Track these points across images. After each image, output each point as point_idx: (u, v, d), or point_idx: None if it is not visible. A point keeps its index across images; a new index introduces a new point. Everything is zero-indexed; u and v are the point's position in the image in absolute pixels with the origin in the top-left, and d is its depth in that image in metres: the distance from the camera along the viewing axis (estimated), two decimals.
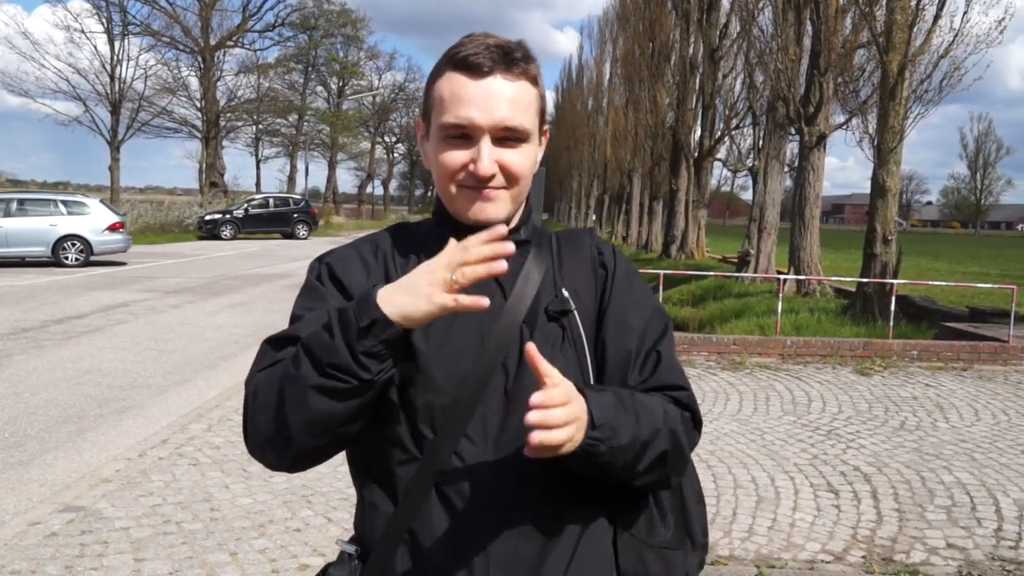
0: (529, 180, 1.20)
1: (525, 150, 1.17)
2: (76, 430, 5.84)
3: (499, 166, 1.14)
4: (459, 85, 1.13)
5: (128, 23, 38.72)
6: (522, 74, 1.16)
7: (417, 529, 1.12)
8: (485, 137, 1.13)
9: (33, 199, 18.90)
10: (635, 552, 1.20)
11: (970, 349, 9.27)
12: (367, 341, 0.99)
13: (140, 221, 31.74)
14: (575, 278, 1.23)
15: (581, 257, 1.25)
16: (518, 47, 1.17)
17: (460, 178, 1.15)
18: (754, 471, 5.21)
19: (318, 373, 1.01)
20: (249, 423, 1.11)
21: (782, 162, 19.41)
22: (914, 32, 11.45)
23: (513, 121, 1.14)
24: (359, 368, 0.99)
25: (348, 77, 60.15)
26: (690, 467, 1.29)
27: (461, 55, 1.14)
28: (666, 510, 1.24)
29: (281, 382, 1.05)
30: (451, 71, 1.15)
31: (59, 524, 4.05)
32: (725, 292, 16.27)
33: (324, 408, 1.02)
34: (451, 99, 1.14)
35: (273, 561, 3.71)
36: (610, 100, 45.24)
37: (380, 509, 1.16)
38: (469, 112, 1.12)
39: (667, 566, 1.22)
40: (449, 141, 1.15)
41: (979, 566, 3.88)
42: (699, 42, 25.96)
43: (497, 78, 1.13)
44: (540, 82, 1.20)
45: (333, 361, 1.00)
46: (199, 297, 13.53)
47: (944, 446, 5.88)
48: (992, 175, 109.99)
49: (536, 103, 1.19)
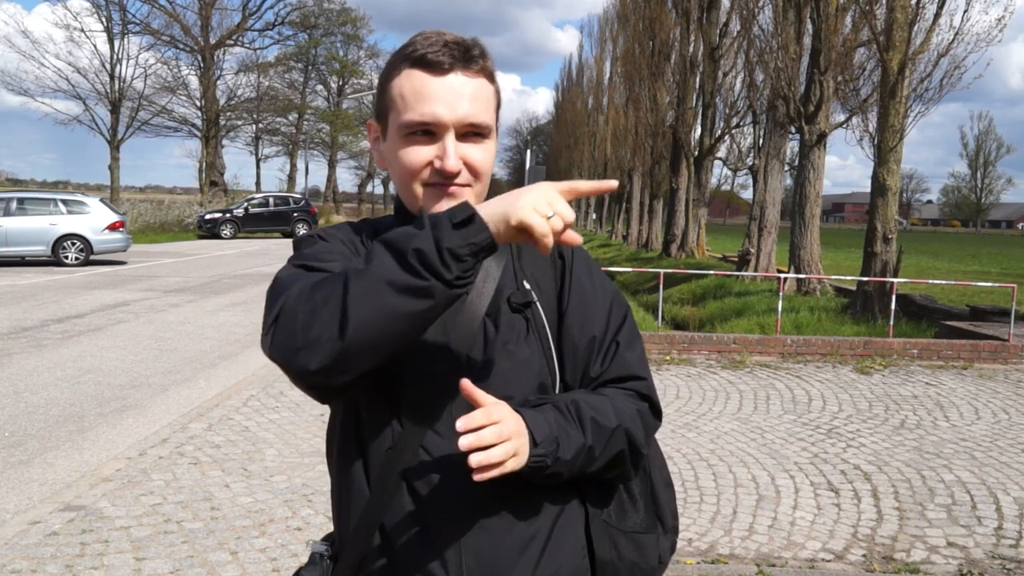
0: (490, 175, 1.21)
1: (487, 146, 1.18)
2: (76, 429, 5.84)
3: (464, 163, 1.15)
4: (420, 83, 1.14)
5: (128, 22, 38.79)
6: (480, 71, 1.17)
7: (388, 524, 1.12)
8: (450, 133, 1.14)
9: (33, 198, 18.90)
10: (608, 538, 1.21)
11: (970, 348, 9.27)
12: (457, 239, 0.94)
13: (140, 220, 31.77)
14: (535, 269, 1.24)
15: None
16: (475, 44, 1.18)
17: (425, 176, 1.15)
18: (754, 470, 5.21)
19: (400, 265, 0.94)
20: (288, 320, 0.98)
21: (782, 161, 19.40)
22: (914, 30, 11.44)
23: (477, 118, 1.15)
24: (441, 265, 0.93)
25: (348, 76, 60.09)
26: (657, 453, 1.32)
27: (419, 53, 1.14)
28: (636, 496, 1.26)
29: (345, 279, 0.96)
30: (410, 69, 1.15)
31: (60, 523, 4.05)
32: (725, 291, 16.26)
33: (394, 305, 0.94)
34: (413, 97, 1.13)
35: (274, 560, 3.71)
36: (610, 99, 45.23)
37: (352, 507, 1.16)
38: (433, 109, 1.12)
39: (640, 550, 1.24)
40: (412, 139, 1.15)
41: (979, 564, 3.88)
42: (699, 40, 25.94)
43: (458, 75, 1.14)
44: (496, 80, 1.22)
45: (418, 247, 0.94)
46: (199, 296, 13.53)
47: (944, 445, 5.88)
48: (992, 174, 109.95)
49: (494, 99, 1.21)
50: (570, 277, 1.25)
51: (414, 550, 1.11)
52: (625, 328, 1.25)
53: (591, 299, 1.24)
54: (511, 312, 1.18)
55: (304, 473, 4.91)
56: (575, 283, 1.24)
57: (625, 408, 1.18)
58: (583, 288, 1.24)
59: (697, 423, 6.28)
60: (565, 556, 1.17)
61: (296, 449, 5.36)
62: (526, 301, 1.19)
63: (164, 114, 41.15)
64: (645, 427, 1.21)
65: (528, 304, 1.19)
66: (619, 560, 1.22)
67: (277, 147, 58.58)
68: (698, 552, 3.94)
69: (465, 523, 1.11)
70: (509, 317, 1.17)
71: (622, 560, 1.22)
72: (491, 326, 1.15)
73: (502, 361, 1.15)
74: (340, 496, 1.20)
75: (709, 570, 3.72)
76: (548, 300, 1.22)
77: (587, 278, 1.26)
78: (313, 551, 1.19)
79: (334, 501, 1.24)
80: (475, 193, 1.17)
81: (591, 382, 1.22)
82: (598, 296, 1.25)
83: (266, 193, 37.27)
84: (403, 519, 1.12)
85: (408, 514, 1.12)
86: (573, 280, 1.24)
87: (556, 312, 1.23)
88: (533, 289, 1.21)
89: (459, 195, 1.15)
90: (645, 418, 1.22)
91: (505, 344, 1.16)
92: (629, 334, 1.25)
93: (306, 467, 5.02)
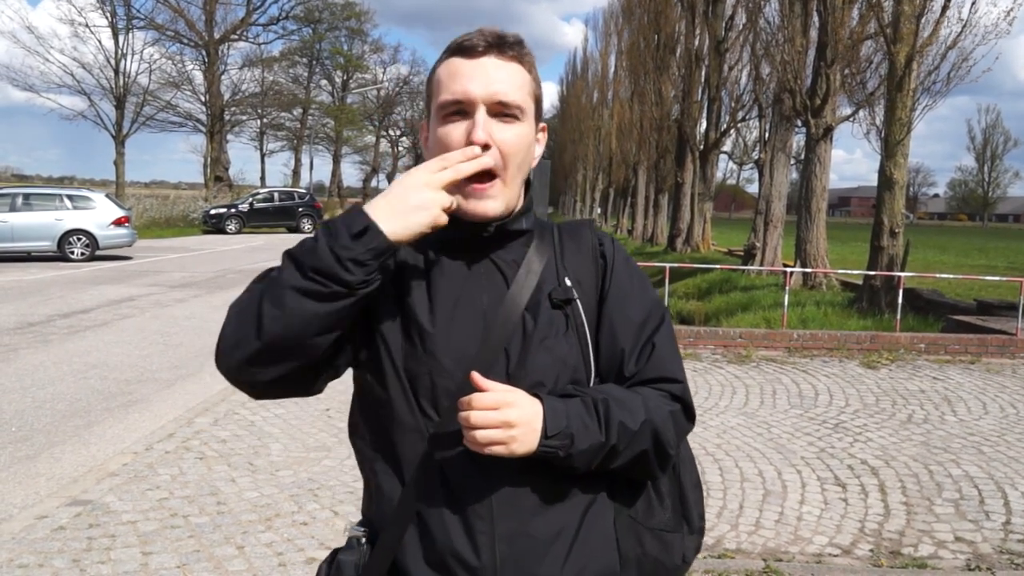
0: (523, 163, 1.21)
1: (519, 129, 1.19)
2: (83, 424, 5.86)
3: (493, 142, 1.16)
4: (455, 66, 1.18)
5: (132, 17, 38.73)
6: (515, 57, 1.20)
7: (424, 511, 1.15)
8: (480, 108, 1.16)
9: (38, 194, 18.95)
10: (634, 534, 1.23)
11: (978, 342, 9.22)
12: (358, 248, 1.04)
13: (145, 215, 31.83)
14: (577, 268, 1.26)
15: (582, 248, 1.28)
16: (513, 36, 1.22)
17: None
18: (761, 464, 5.19)
19: (301, 275, 1.06)
20: (223, 329, 1.13)
21: (788, 155, 19.34)
22: (922, 23, 11.38)
23: (506, 96, 1.17)
24: (343, 271, 1.04)
25: (352, 70, 60.07)
26: (687, 454, 1.34)
27: (457, 43, 1.20)
28: (663, 494, 1.28)
29: (261, 288, 1.10)
30: (448, 58, 1.20)
31: (66, 518, 4.06)
32: (731, 285, 16.23)
33: (302, 307, 1.05)
34: (447, 79, 1.18)
35: (280, 555, 3.71)
36: (615, 93, 45.10)
37: (386, 493, 1.19)
38: (463, 85, 1.16)
39: (665, 547, 1.25)
40: (447, 120, 1.18)
41: (987, 559, 3.87)
42: (705, 34, 25.85)
43: (491, 58, 1.18)
44: (534, 72, 1.25)
45: (316, 265, 1.05)
46: (205, 291, 13.55)
47: (952, 439, 5.85)
48: (1000, 167, 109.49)
49: (530, 86, 1.22)
50: (611, 277, 1.27)
51: (448, 536, 1.14)
52: (662, 331, 1.27)
53: (630, 300, 1.26)
54: (551, 308, 1.20)
55: (310, 468, 4.91)
56: (615, 283, 1.26)
57: (657, 408, 1.20)
58: (623, 289, 1.27)
59: (703, 418, 6.26)
60: (593, 549, 1.19)
61: (302, 444, 5.36)
62: (567, 298, 1.21)
63: (169, 109, 41.21)
64: (677, 429, 1.23)
65: (569, 301, 1.21)
66: (643, 556, 1.23)
67: (282, 142, 58.69)
68: (705, 547, 3.93)
69: (498, 511, 1.14)
70: (549, 313, 1.20)
71: (646, 556, 1.24)
72: (530, 320, 1.18)
73: (539, 355, 1.17)
74: (372, 484, 1.23)
75: (716, 565, 3.71)
76: (588, 298, 1.24)
77: (627, 279, 1.28)
78: (350, 536, 1.22)
79: (366, 488, 1.26)
80: (505, 181, 1.19)
81: (625, 381, 1.23)
82: (637, 298, 1.27)
83: (271, 188, 37.35)
84: (438, 506, 1.14)
85: (443, 501, 1.14)
86: (614, 280, 1.26)
87: (596, 310, 1.25)
88: (574, 287, 1.23)
89: (492, 195, 1.17)
90: (677, 420, 1.23)
91: (543, 339, 1.18)
92: (665, 337, 1.27)
93: (311, 462, 5.02)
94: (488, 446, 1.06)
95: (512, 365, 1.16)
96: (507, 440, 1.06)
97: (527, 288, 1.18)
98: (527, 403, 1.09)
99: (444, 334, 1.16)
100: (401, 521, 1.16)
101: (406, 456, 1.17)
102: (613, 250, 1.29)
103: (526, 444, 1.08)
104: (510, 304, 1.16)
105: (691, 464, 1.34)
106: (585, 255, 1.27)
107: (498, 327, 1.15)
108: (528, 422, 1.08)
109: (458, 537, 1.13)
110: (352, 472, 4.84)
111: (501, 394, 1.07)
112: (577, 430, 1.11)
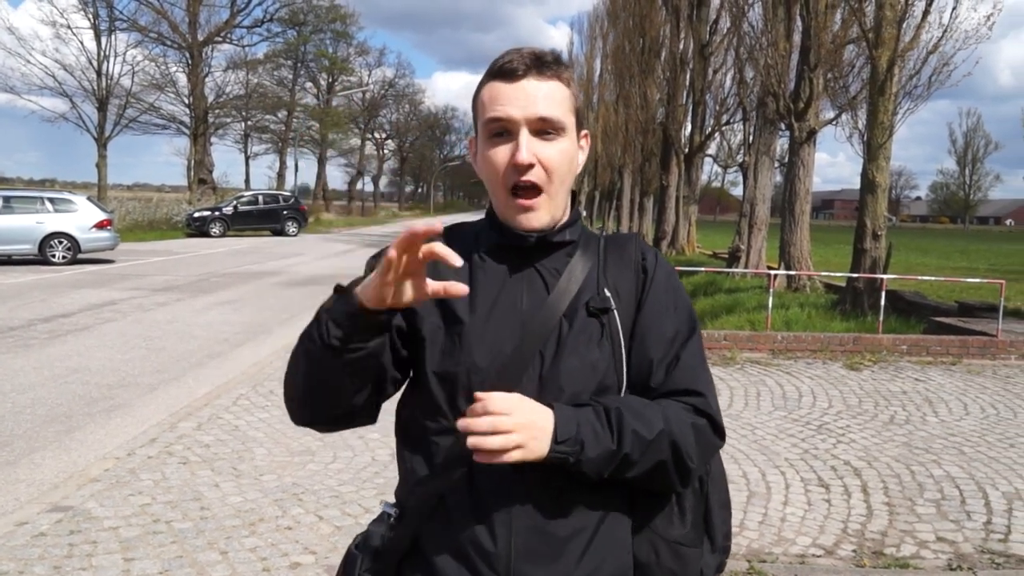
0: (567, 176, 1.27)
1: (563, 145, 1.25)
2: (64, 429, 5.80)
3: (538, 161, 1.22)
4: (496, 90, 1.24)
5: (115, 19, 38.36)
6: (553, 75, 1.25)
7: (448, 498, 1.22)
8: (523, 130, 1.22)
9: (19, 196, 18.75)
10: (649, 542, 1.26)
11: (959, 344, 9.31)
12: (334, 308, 1.13)
13: (128, 218, 31.56)
14: (618, 279, 1.30)
15: (625, 259, 1.32)
16: (551, 54, 1.27)
17: (506, 179, 1.23)
18: (745, 466, 5.22)
19: (299, 339, 1.20)
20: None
21: (772, 158, 19.46)
22: (903, 28, 11.48)
23: (548, 112, 1.22)
24: (322, 330, 1.14)
25: (338, 73, 59.92)
26: (719, 473, 1.36)
27: (498, 65, 1.25)
28: (686, 509, 1.30)
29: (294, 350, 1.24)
30: (490, 81, 1.26)
31: (47, 524, 4.01)
32: (716, 288, 16.30)
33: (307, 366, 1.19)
34: (490, 101, 1.24)
35: (264, 559, 3.68)
36: (600, 96, 45.20)
37: (417, 475, 1.26)
38: (506, 108, 1.22)
39: (680, 561, 1.27)
40: (493, 141, 1.24)
41: (969, 559, 3.90)
42: (689, 38, 25.98)
43: (530, 80, 1.23)
44: (573, 86, 1.29)
45: (307, 329, 1.17)
46: (188, 295, 13.46)
47: (933, 440, 5.90)
48: (981, 170, 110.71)
49: (570, 101, 1.27)
50: (650, 290, 1.30)
51: (469, 523, 1.20)
52: (691, 344, 1.29)
53: (664, 313, 1.29)
54: (587, 316, 1.25)
55: (294, 472, 4.89)
56: (653, 296, 1.30)
57: (677, 420, 1.22)
58: (660, 302, 1.30)
59: None
60: (608, 553, 1.23)
61: (286, 448, 5.33)
62: (604, 307, 1.26)
63: (152, 112, 40.82)
64: (701, 443, 1.24)
65: (605, 310, 1.26)
66: (657, 566, 1.26)
67: (266, 144, 58.43)
68: None
69: (518, 505, 1.19)
70: (584, 320, 1.24)
71: (660, 567, 1.27)
72: (566, 326, 1.23)
73: (571, 359, 1.22)
74: (405, 469, 1.31)
75: None
76: (626, 309, 1.28)
77: (664, 292, 1.31)
78: (383, 510, 1.30)
79: (399, 471, 1.34)
80: (550, 195, 1.24)
81: (651, 392, 1.26)
82: (671, 311, 1.30)
83: (255, 191, 37.08)
84: (461, 495, 1.21)
85: (466, 491, 1.21)
86: (651, 293, 1.30)
87: (632, 322, 1.29)
88: (613, 297, 1.27)
89: (536, 208, 1.24)
90: (702, 434, 1.24)
91: (577, 345, 1.23)
92: (693, 351, 1.29)
93: (296, 466, 4.99)
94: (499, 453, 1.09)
95: (545, 368, 1.21)
96: (517, 444, 1.10)
97: (567, 295, 1.24)
98: (538, 409, 1.13)
99: (479, 332, 1.22)
100: (425, 504, 1.23)
101: (438, 447, 1.24)
102: (656, 264, 1.33)
103: (535, 450, 1.11)
104: (548, 309, 1.22)
105: (722, 483, 1.36)
106: (627, 267, 1.31)
107: (535, 330, 1.21)
108: (538, 426, 1.12)
109: (478, 527, 1.20)
110: (337, 476, 4.83)
111: (500, 401, 1.11)
112: (587, 437, 1.14)
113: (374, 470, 4.94)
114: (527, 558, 1.19)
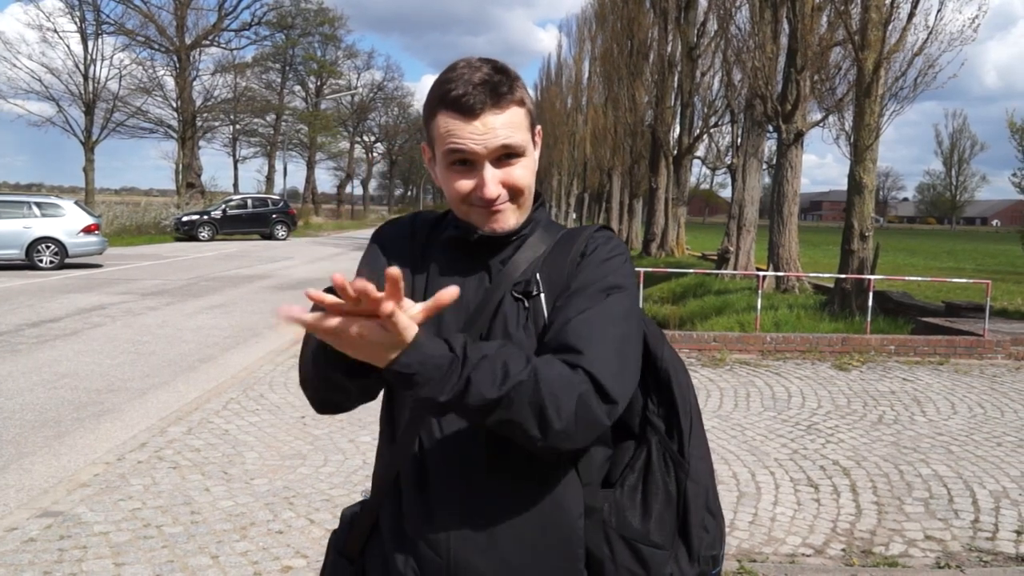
0: (532, 184, 1.30)
1: (524, 163, 1.27)
2: (53, 434, 5.77)
3: (503, 184, 1.24)
4: (455, 125, 1.22)
5: (102, 22, 38.14)
6: (509, 101, 1.23)
7: (402, 483, 1.27)
8: (486, 164, 1.23)
9: (5, 201, 18.58)
10: (601, 535, 1.25)
11: (946, 343, 9.38)
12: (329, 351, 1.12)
13: (116, 223, 31.36)
14: (553, 268, 1.29)
15: (569, 249, 1.31)
16: (503, 78, 1.23)
17: (471, 199, 1.26)
18: (735, 467, 5.24)
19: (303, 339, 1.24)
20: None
21: (760, 159, 19.55)
22: (889, 30, 11.57)
23: (510, 140, 1.23)
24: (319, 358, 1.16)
25: (326, 76, 59.80)
26: (705, 474, 1.32)
27: (452, 95, 1.21)
28: (651, 506, 1.25)
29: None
30: (444, 111, 1.23)
31: (37, 529, 3.99)
32: (705, 289, 16.36)
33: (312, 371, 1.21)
34: (447, 134, 1.23)
35: (255, 564, 3.68)
36: (589, 98, 45.35)
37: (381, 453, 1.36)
38: (466, 143, 1.22)
39: (641, 562, 1.24)
40: (454, 168, 1.25)
41: (957, 557, 3.94)
42: (677, 40, 26.08)
43: (488, 116, 1.21)
44: (526, 97, 1.28)
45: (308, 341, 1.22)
46: (177, 299, 13.40)
47: (921, 439, 5.95)
48: (967, 171, 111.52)
49: (526, 119, 1.27)
50: (579, 273, 1.26)
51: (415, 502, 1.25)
52: (598, 308, 1.19)
53: (583, 289, 1.23)
54: (513, 301, 1.27)
55: (285, 476, 4.88)
56: (580, 278, 1.26)
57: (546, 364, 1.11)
58: (584, 281, 1.24)
59: None
60: (556, 540, 1.23)
61: (277, 452, 5.32)
62: (527, 292, 1.28)
63: (139, 115, 40.54)
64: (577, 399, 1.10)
65: (529, 295, 1.27)
66: (612, 562, 1.24)
67: (255, 148, 58.24)
68: None
69: (463, 482, 1.23)
70: (511, 304, 1.27)
71: (617, 564, 1.24)
72: (501, 313, 1.26)
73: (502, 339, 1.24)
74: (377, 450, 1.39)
75: None
76: (557, 293, 1.27)
77: (593, 269, 1.26)
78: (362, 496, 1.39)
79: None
80: (518, 206, 1.28)
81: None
82: (591, 285, 1.23)
83: (244, 195, 36.98)
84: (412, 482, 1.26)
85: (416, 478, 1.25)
86: (580, 275, 1.26)
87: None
88: (544, 283, 1.28)
89: (503, 210, 1.26)
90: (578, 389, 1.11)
91: (504, 328, 1.26)
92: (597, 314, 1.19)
93: (287, 470, 4.99)
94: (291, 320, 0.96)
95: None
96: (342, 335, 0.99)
97: (506, 286, 1.26)
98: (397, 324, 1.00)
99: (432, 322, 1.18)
100: (384, 480, 1.30)
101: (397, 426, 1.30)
102: (596, 250, 1.28)
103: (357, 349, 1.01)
104: (489, 298, 1.26)
105: (706, 490, 1.30)
106: (567, 255, 1.30)
107: (474, 319, 1.25)
108: (375, 332, 0.99)
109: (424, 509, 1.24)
110: (328, 480, 4.82)
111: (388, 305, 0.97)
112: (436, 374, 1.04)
113: (365, 473, 4.93)
114: (463, 542, 1.22)
